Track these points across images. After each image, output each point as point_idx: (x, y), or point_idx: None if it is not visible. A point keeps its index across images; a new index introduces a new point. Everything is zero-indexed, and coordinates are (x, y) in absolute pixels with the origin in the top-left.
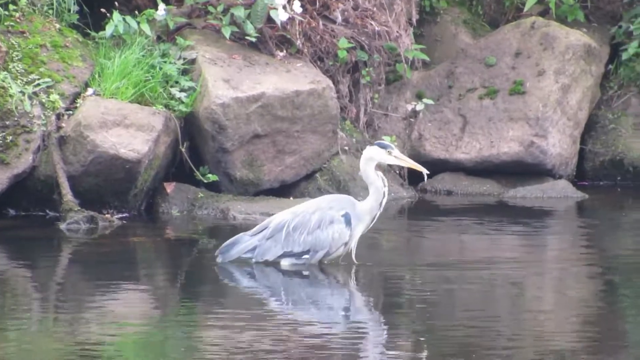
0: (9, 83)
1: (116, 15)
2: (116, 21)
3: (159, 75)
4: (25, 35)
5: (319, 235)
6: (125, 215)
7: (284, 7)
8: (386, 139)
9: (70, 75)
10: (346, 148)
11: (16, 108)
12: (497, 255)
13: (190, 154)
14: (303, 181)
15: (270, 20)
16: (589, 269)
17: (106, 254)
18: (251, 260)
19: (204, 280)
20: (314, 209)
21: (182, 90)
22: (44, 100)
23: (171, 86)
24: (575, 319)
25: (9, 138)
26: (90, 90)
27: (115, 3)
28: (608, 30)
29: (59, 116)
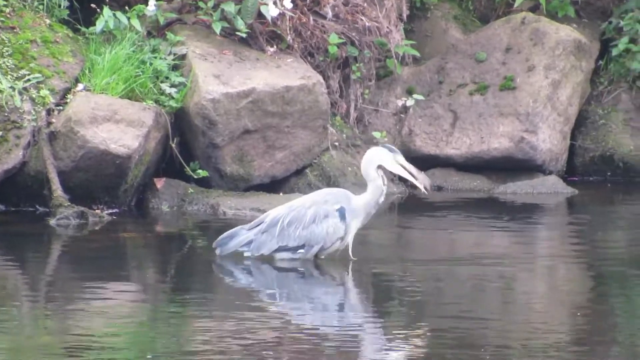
0: None
1: (106, 11)
2: (106, 17)
3: (149, 70)
4: (15, 30)
5: (314, 229)
6: (115, 210)
7: (275, 3)
8: (376, 134)
9: (60, 70)
10: (336, 144)
11: (6, 103)
12: (488, 251)
13: (181, 150)
14: (293, 177)
15: (260, 15)
16: (579, 263)
17: (96, 250)
18: (247, 254)
19: (194, 275)
20: (310, 204)
21: (173, 85)
22: (34, 95)
23: (161, 82)
24: (565, 313)
25: None
26: (80, 86)
27: None
28: (598, 25)
29: (49, 112)
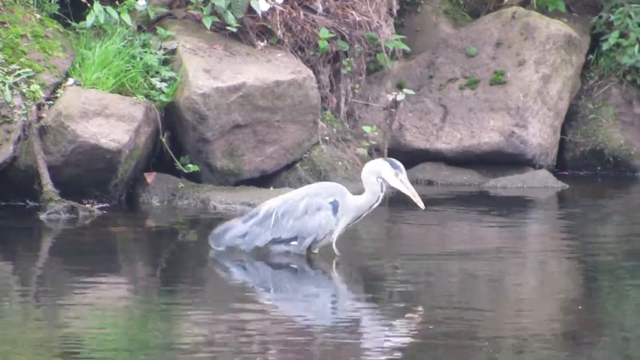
0: None
1: (97, 6)
2: (97, 11)
3: (140, 65)
4: (5, 25)
5: (307, 221)
6: (105, 205)
7: None
8: (367, 129)
9: (50, 65)
10: (327, 138)
11: None
12: (478, 245)
13: (171, 144)
14: (284, 171)
15: (251, 10)
16: (569, 257)
17: (86, 244)
18: (242, 247)
19: (185, 269)
20: (303, 196)
21: (163, 80)
22: (24, 90)
23: (152, 76)
24: (555, 306)
25: None
26: (70, 81)
27: None
28: (588, 20)
29: (39, 106)
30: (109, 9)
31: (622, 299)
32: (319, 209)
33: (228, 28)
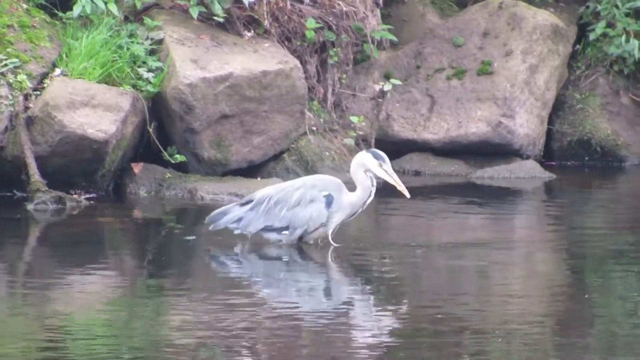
0: None
1: None
2: (83, 1)
3: (127, 55)
4: None
5: (298, 212)
6: (93, 195)
7: None
8: (354, 119)
9: (37, 55)
10: (314, 128)
11: None
12: (465, 235)
13: (158, 135)
14: (271, 161)
15: (237, 0)
16: (556, 248)
17: (74, 235)
18: (237, 232)
19: (172, 260)
20: (299, 186)
21: (150, 70)
22: (11, 80)
23: (139, 66)
24: (542, 296)
25: None
26: (57, 71)
27: None
28: (575, 10)
29: (26, 96)
30: None
31: (609, 289)
32: (312, 201)
33: (215, 18)
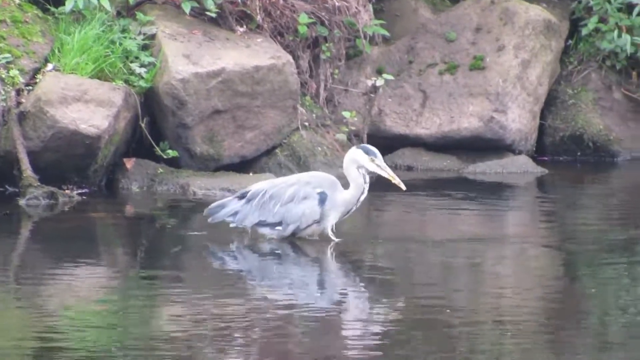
0: None
1: None
2: None
3: (119, 50)
4: None
5: (291, 208)
6: (85, 191)
7: None
8: (346, 114)
9: (30, 50)
10: (306, 124)
11: None
12: (458, 231)
13: (150, 130)
14: (263, 156)
15: None
16: (548, 243)
17: (66, 230)
18: (232, 225)
19: (164, 255)
20: (293, 182)
21: (142, 65)
22: (3, 75)
23: (131, 62)
24: (534, 292)
25: None
26: (50, 66)
27: None
28: (568, 5)
29: (18, 92)
30: None
31: (601, 284)
32: (305, 197)
33: (207, 13)
